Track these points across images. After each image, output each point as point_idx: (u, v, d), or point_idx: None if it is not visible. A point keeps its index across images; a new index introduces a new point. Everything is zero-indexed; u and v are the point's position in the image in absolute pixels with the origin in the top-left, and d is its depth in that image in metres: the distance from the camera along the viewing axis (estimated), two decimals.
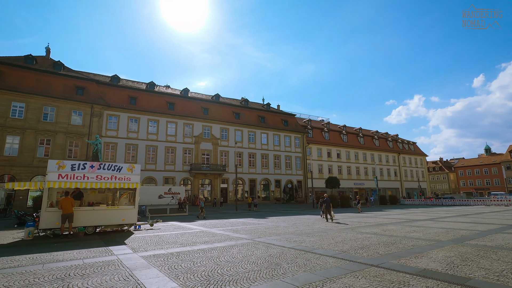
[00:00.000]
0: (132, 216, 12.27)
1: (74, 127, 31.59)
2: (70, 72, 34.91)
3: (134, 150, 35.06)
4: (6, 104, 28.36)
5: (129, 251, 7.68)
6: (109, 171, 12.10)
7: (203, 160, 39.67)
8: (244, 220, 17.50)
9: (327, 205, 16.47)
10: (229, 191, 41.02)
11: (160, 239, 9.77)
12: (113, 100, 35.12)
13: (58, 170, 11.13)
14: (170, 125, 38.12)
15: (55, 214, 10.76)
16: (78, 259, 6.77)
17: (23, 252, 7.76)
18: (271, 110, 50.19)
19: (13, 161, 27.78)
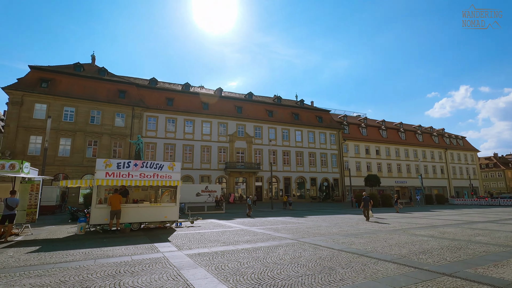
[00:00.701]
0: (173, 214, 12.43)
1: (117, 128, 33.47)
2: (113, 77, 37.05)
3: (172, 149, 36.28)
4: (59, 109, 30.84)
5: (174, 248, 7.64)
6: (151, 169, 12.38)
7: (238, 158, 39.90)
8: (283, 218, 17.06)
9: (365, 204, 16.14)
10: (264, 189, 40.82)
11: (202, 237, 9.70)
12: (151, 102, 36.64)
13: (105, 169, 11.60)
14: (205, 124, 38.86)
15: (104, 211, 11.23)
16: (127, 255, 6.84)
17: (76, 246, 8.09)
18: (304, 107, 49.04)
19: (66, 161, 30.14)
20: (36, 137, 29.48)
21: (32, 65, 32.07)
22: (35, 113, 29.91)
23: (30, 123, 29.41)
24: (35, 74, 31.60)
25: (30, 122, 29.44)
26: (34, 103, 30.06)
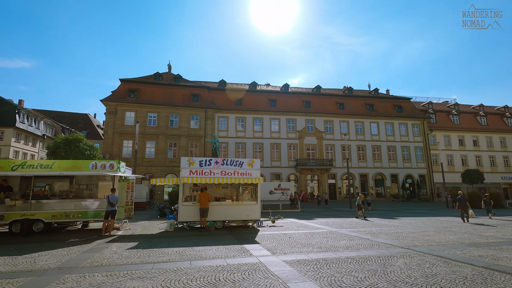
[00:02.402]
0: (255, 212, 11.93)
1: (193, 130, 35.56)
2: (187, 82, 39.59)
3: (243, 148, 36.87)
4: (144, 115, 34.27)
5: (266, 252, 6.92)
6: (231, 166, 12.11)
7: (308, 155, 38.35)
8: (369, 220, 15.08)
9: (462, 204, 14.64)
10: (338, 187, 38.32)
11: (291, 239, 8.82)
12: (222, 103, 37.89)
13: (189, 167, 11.76)
14: (273, 121, 38.41)
15: (190, 208, 11.37)
16: (220, 257, 6.37)
17: (170, 244, 8.08)
18: (380, 96, 44.45)
19: (152, 162, 33.28)
20: (127, 141, 33.32)
21: (121, 78, 36.47)
22: (126, 120, 33.84)
23: (123, 129, 33.38)
24: (125, 86, 35.80)
25: (123, 128, 33.42)
26: (125, 112, 34.04)
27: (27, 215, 10.34)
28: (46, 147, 24.57)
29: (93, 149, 23.06)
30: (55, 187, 12.19)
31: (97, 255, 6.65)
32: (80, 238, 9.45)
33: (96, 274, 5.06)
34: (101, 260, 6.15)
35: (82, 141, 21.83)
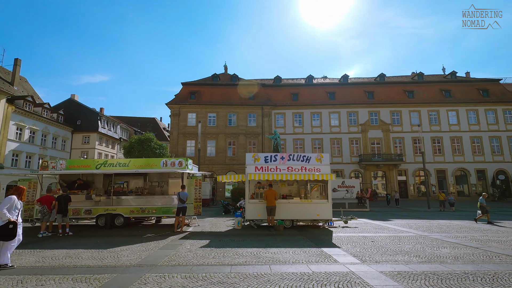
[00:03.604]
0: (326, 212, 10.92)
1: (250, 128, 35.72)
2: (243, 81, 40.00)
3: (301, 145, 35.72)
4: (204, 116, 35.64)
5: (353, 259, 5.95)
6: (298, 162, 11.32)
7: (373, 149, 35.29)
8: (460, 222, 12.70)
9: None
10: (409, 185, 34.44)
11: (375, 244, 7.64)
12: (277, 99, 37.27)
13: (254, 163, 11.35)
14: (332, 115, 36.35)
15: (257, 206, 10.93)
16: (301, 262, 5.64)
17: (241, 244, 7.68)
18: (458, 80, 38.65)
19: (213, 160, 34.42)
20: (190, 141, 35.07)
21: (183, 82, 38.58)
22: (188, 121, 35.67)
23: (186, 130, 35.24)
24: (186, 89, 37.78)
25: (186, 129, 35.29)
26: (187, 113, 35.88)
27: (109, 210, 11.14)
28: (122, 148, 27.33)
29: (162, 148, 24.69)
30: (131, 184, 13.01)
31: (173, 253, 6.54)
32: (155, 234, 9.73)
33: (175, 275, 4.79)
34: (178, 259, 5.97)
35: (152, 140, 23.53)
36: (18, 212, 5.54)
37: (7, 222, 5.25)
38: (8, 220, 5.25)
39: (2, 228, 5.22)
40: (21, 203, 5.66)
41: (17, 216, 5.50)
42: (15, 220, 5.35)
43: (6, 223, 5.25)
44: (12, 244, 5.40)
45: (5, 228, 5.23)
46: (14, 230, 5.28)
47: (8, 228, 5.24)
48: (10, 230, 5.24)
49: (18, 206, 5.54)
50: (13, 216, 5.40)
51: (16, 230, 5.33)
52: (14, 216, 5.41)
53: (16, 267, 5.42)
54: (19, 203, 5.58)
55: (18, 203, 5.54)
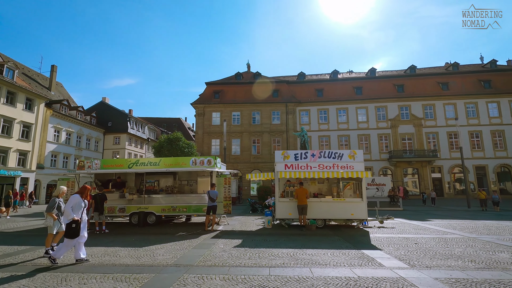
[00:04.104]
0: (361, 211, 10.39)
1: (274, 126, 35.37)
2: (266, 79, 39.70)
3: (327, 142, 34.82)
4: (228, 114, 35.79)
5: (399, 263, 5.50)
6: (330, 159, 10.87)
7: (404, 145, 33.62)
8: (510, 223, 11.59)
9: None
10: (445, 182, 32.41)
11: (420, 247, 7.08)
12: (302, 96, 36.59)
13: (283, 161, 11.05)
14: (360, 111, 35.06)
15: (287, 205, 10.64)
16: (343, 265, 5.29)
17: (275, 244, 7.44)
18: (499, 69, 35.74)
19: (238, 158, 34.49)
20: (215, 140, 35.40)
21: (207, 82, 39.01)
22: (212, 120, 36.01)
23: (211, 129, 35.61)
24: (210, 88, 38.14)
25: (210, 128, 35.66)
26: (212, 112, 36.23)
27: (142, 208, 11.36)
28: (152, 147, 28.04)
29: (190, 147, 25.05)
30: (162, 183, 13.21)
31: (207, 253, 6.44)
32: (187, 232, 9.75)
33: (213, 277, 4.64)
34: (213, 259, 5.84)
35: (181, 139, 23.95)
36: (82, 210, 5.64)
37: (71, 221, 5.39)
38: (72, 219, 5.39)
39: (67, 226, 5.41)
40: (85, 202, 5.77)
41: (81, 214, 5.60)
42: (78, 219, 5.48)
43: (70, 222, 5.39)
44: (80, 241, 5.55)
45: (69, 226, 5.39)
46: (77, 228, 5.42)
47: (72, 227, 5.38)
48: (73, 229, 5.38)
49: (82, 204, 5.66)
50: (78, 215, 5.51)
51: (79, 229, 5.46)
52: (78, 215, 5.52)
53: (59, 264, 5.55)
54: (83, 202, 5.69)
55: (82, 202, 5.64)
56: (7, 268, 5.31)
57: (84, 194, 5.81)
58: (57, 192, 6.31)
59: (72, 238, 5.43)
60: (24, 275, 4.82)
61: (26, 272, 4.97)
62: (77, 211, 5.55)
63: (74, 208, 5.53)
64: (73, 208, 5.49)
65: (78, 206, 5.59)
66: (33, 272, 5.01)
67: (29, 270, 5.14)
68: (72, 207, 5.49)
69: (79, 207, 5.60)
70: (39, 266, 5.41)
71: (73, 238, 5.43)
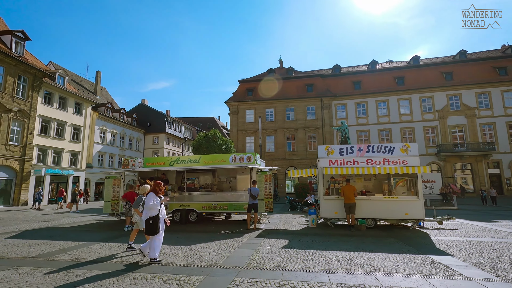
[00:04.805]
0: (417, 210, 9.39)
1: (309, 121, 34.34)
2: (299, 74, 38.72)
3: (366, 136, 33.04)
4: (262, 111, 35.46)
5: (484, 273, 4.66)
6: (380, 154, 9.98)
7: (454, 138, 30.73)
8: None
9: None
10: (505, 179, 29.03)
11: (499, 253, 6.07)
12: (338, 90, 35.07)
13: (327, 156, 10.37)
14: (402, 102, 32.71)
15: (333, 203, 9.97)
16: (413, 274, 4.60)
17: (326, 246, 6.88)
18: None
19: (272, 156, 34.05)
20: (249, 138, 35.32)
21: (240, 79, 39.04)
22: (246, 118, 35.94)
23: (245, 126, 35.58)
24: (243, 86, 38.11)
25: (244, 126, 35.63)
26: (245, 110, 36.18)
27: (183, 206, 11.40)
28: (191, 145, 28.64)
29: (228, 144, 25.11)
30: (201, 180, 13.21)
31: (255, 254, 6.08)
32: (229, 230, 9.54)
33: (267, 282, 4.25)
34: (263, 261, 5.46)
35: (218, 136, 24.11)
36: (159, 206, 5.57)
37: (148, 218, 5.36)
38: (149, 216, 5.37)
39: (146, 223, 5.41)
40: (160, 198, 5.64)
41: (159, 211, 5.53)
42: (155, 215, 5.43)
43: (147, 219, 5.37)
44: (159, 238, 5.48)
45: (147, 223, 5.38)
46: (155, 225, 5.39)
47: (150, 223, 5.36)
48: (151, 225, 5.36)
49: (158, 201, 5.56)
50: (155, 211, 5.44)
51: (158, 225, 5.43)
52: (156, 211, 5.46)
53: (110, 262, 5.54)
54: (158, 198, 5.58)
55: (157, 198, 5.55)
56: (95, 265, 5.41)
57: (158, 190, 5.64)
58: (142, 190, 6.28)
59: (151, 235, 5.39)
60: (103, 275, 4.82)
61: (111, 271, 4.98)
62: (155, 208, 5.45)
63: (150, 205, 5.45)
64: (149, 205, 5.42)
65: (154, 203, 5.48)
66: (87, 271, 5.01)
67: (115, 268, 5.16)
68: (149, 204, 5.42)
69: (155, 204, 5.48)
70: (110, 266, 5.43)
71: (152, 235, 5.38)
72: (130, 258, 5.80)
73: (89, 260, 5.65)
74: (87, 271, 4.89)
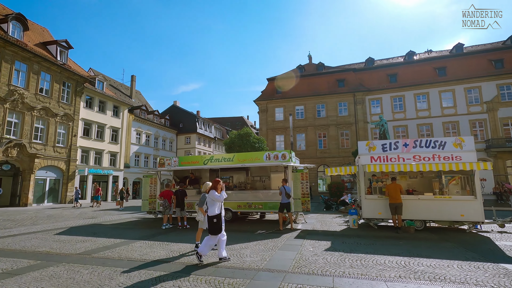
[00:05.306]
0: (475, 211, 8.40)
1: (341, 118, 33.07)
2: (330, 69, 37.47)
3: (403, 132, 31.06)
4: (291, 109, 34.75)
5: None
6: (429, 149, 9.10)
7: (506, 132, 27.83)
8: None
9: None
10: None
11: None
12: (371, 84, 33.38)
13: (369, 152, 9.68)
14: (444, 95, 30.28)
15: (376, 203, 9.29)
16: (490, 286, 3.95)
17: (374, 249, 6.32)
18: None
19: (303, 154, 33.23)
20: (279, 136, 34.84)
21: (268, 78, 38.67)
22: (276, 116, 35.50)
23: (274, 125, 35.18)
24: (271, 84, 37.69)
25: (274, 124, 35.22)
26: (274, 108, 35.74)
27: None
28: (223, 143, 28.87)
29: (261, 142, 24.88)
30: (235, 179, 13.07)
31: (298, 256, 5.71)
32: (266, 230, 9.26)
33: None
34: (308, 265, 5.08)
35: (251, 134, 24.02)
36: (220, 205, 5.50)
37: (211, 216, 5.30)
38: (213, 215, 5.30)
39: (209, 222, 5.34)
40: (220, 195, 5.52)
41: (220, 209, 5.47)
42: (218, 213, 5.37)
43: (211, 217, 5.30)
44: (223, 238, 5.42)
45: (211, 222, 5.31)
46: (219, 223, 5.32)
47: (213, 222, 5.29)
48: (215, 224, 5.28)
49: (219, 196, 5.48)
50: (217, 210, 5.39)
51: (221, 223, 5.37)
52: (217, 210, 5.40)
53: (151, 260, 5.49)
54: (220, 195, 5.50)
55: (219, 194, 5.47)
56: (133, 262, 5.45)
57: (218, 188, 5.51)
58: (205, 187, 6.24)
59: (215, 234, 5.29)
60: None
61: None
62: (216, 206, 5.38)
63: (211, 203, 5.39)
64: (210, 204, 5.37)
65: (214, 201, 5.41)
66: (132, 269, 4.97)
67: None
68: (209, 203, 5.38)
69: (216, 202, 5.41)
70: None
71: (216, 234, 5.29)
72: (186, 259, 5.72)
73: (131, 259, 5.65)
74: (131, 271, 4.85)
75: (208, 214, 5.39)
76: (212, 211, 5.36)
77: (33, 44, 22.96)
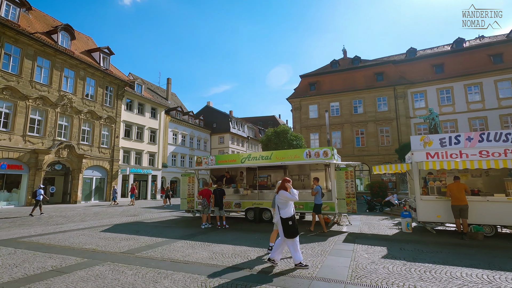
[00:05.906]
0: None
1: (380, 113, 31.14)
2: (367, 62, 35.55)
3: (452, 127, 28.37)
4: (326, 106, 33.48)
5: None
6: (499, 143, 7.88)
7: None
8: None
9: None
10: None
11: None
12: (414, 76, 30.98)
13: (424, 148, 8.66)
14: (501, 84, 27.15)
15: (434, 204, 8.27)
16: None
17: (440, 258, 5.48)
18: None
19: (339, 152, 31.40)
20: (313, 134, 33.75)
21: (301, 75, 37.73)
22: (310, 113, 34.47)
23: (308, 122, 34.17)
24: (305, 81, 36.70)
25: (308, 122, 34.22)
26: (308, 105, 34.72)
27: (256, 204, 10.97)
28: (259, 141, 28.69)
29: (298, 139, 24.18)
30: (273, 177, 12.63)
31: (353, 264, 5.10)
32: (307, 233, 8.69)
33: None
34: (368, 275, 4.46)
35: (288, 132, 23.46)
36: (291, 205, 5.10)
37: (285, 218, 4.82)
38: (288, 216, 4.85)
39: (283, 224, 4.81)
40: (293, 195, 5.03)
41: (293, 209, 5.07)
42: (292, 215, 4.94)
43: (285, 219, 4.82)
44: (297, 241, 4.91)
45: (286, 224, 4.80)
46: (294, 226, 4.83)
47: (289, 224, 4.80)
48: (290, 226, 4.78)
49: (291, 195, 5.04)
50: (290, 210, 4.98)
51: (297, 225, 4.92)
52: (291, 211, 4.98)
53: (193, 263, 5.24)
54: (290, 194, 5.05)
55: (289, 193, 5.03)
56: (180, 265, 5.29)
57: (288, 188, 5.06)
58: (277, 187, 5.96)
59: (291, 238, 4.76)
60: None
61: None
62: (291, 207, 5.01)
63: (284, 204, 4.95)
64: (284, 205, 4.93)
65: (288, 201, 5.00)
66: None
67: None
68: (283, 203, 4.94)
69: (289, 202, 5.01)
70: None
71: (292, 238, 4.77)
72: (213, 260, 5.42)
73: (174, 260, 5.45)
74: (175, 274, 4.61)
75: (282, 216, 4.84)
76: (286, 213, 4.83)
77: (79, 52, 24.55)
